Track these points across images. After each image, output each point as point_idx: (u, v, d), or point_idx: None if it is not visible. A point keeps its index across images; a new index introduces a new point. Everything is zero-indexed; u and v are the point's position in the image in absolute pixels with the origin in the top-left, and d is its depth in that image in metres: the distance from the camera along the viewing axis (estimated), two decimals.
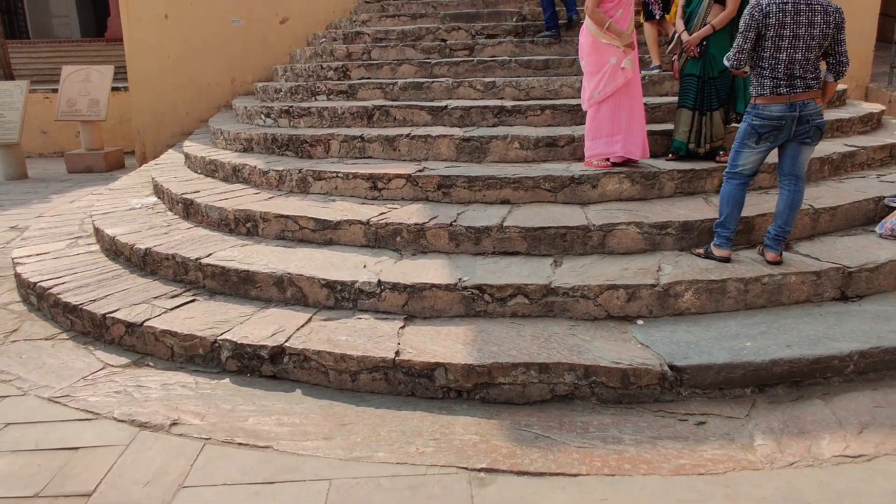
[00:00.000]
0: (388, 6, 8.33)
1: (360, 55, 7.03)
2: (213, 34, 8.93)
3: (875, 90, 9.07)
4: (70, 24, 19.70)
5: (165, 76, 9.01)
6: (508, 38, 7.03)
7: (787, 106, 3.48)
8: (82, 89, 9.67)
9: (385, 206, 4.46)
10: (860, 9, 8.89)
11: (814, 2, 3.40)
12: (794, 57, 3.43)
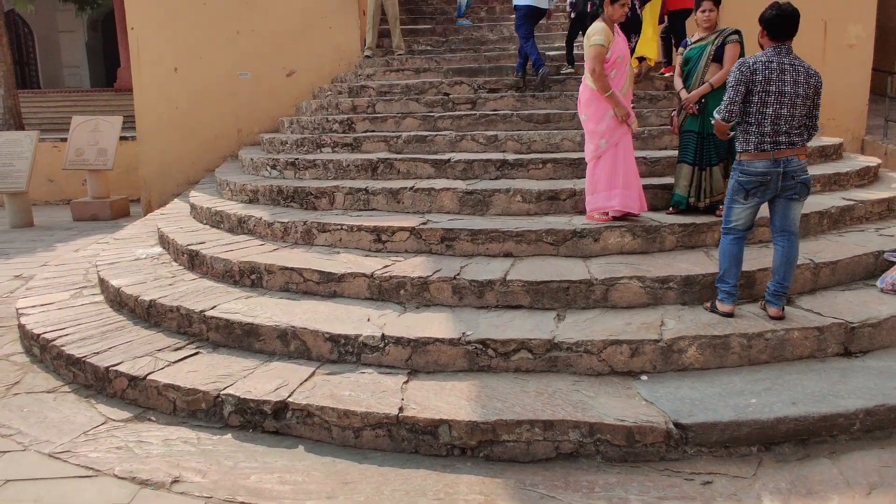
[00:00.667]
0: (392, 61, 8.54)
1: (365, 108, 7.18)
2: (220, 86, 9.14)
3: (871, 143, 9.22)
4: (80, 75, 20.18)
5: (173, 126, 9.19)
6: (510, 92, 7.20)
7: (772, 162, 3.59)
8: (91, 139, 9.85)
9: (389, 259, 4.50)
10: (854, 63, 9.15)
11: (797, 64, 3.59)
12: (780, 113, 3.56)
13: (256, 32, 9.08)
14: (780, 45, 3.61)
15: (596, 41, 4.48)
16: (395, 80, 7.84)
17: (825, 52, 9.08)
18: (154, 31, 9.07)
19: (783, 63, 3.55)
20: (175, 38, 9.05)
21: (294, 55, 9.13)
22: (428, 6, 11.16)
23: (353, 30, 9.09)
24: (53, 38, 20.04)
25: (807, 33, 8.96)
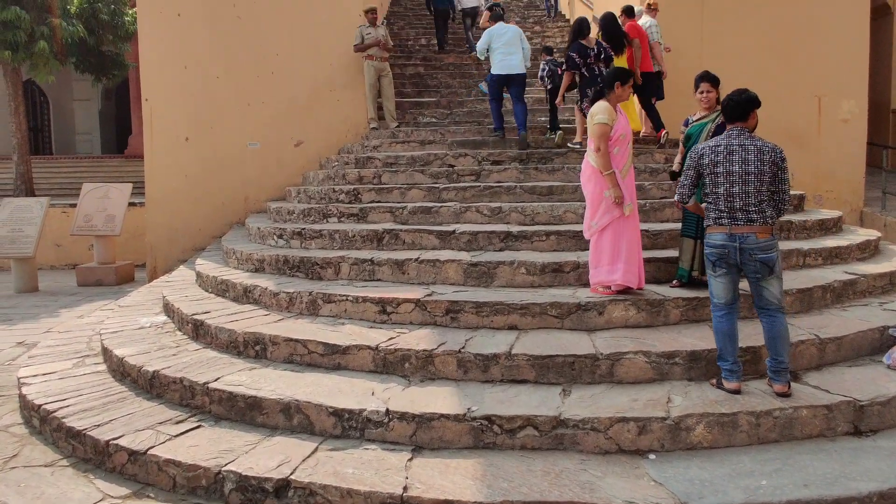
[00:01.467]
0: (398, 133, 8.77)
1: (371, 179, 7.33)
2: (230, 155, 9.35)
3: (869, 214, 9.33)
4: (92, 141, 20.65)
5: (181, 194, 9.34)
6: (513, 164, 7.35)
7: (728, 236, 3.72)
8: (100, 205, 10.01)
9: (394, 331, 4.50)
10: (849, 137, 9.39)
11: (748, 144, 3.74)
12: (732, 191, 3.71)
13: (267, 104, 9.35)
14: (733, 128, 3.83)
15: (600, 120, 4.62)
16: (401, 152, 8.03)
17: (820, 126, 9.33)
18: (168, 103, 9.35)
19: (732, 145, 3.75)
20: (188, 110, 9.32)
21: (302, 126, 9.37)
22: (433, 80, 11.51)
23: (360, 102, 9.37)
24: (68, 106, 20.60)
25: (802, 109, 9.32)
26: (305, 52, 9.30)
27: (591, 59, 7.18)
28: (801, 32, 9.26)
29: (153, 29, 9.33)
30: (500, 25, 8.20)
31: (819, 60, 9.31)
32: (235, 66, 9.31)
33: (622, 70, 4.84)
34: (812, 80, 9.32)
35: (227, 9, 9.28)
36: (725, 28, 9.18)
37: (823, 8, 9.27)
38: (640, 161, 7.42)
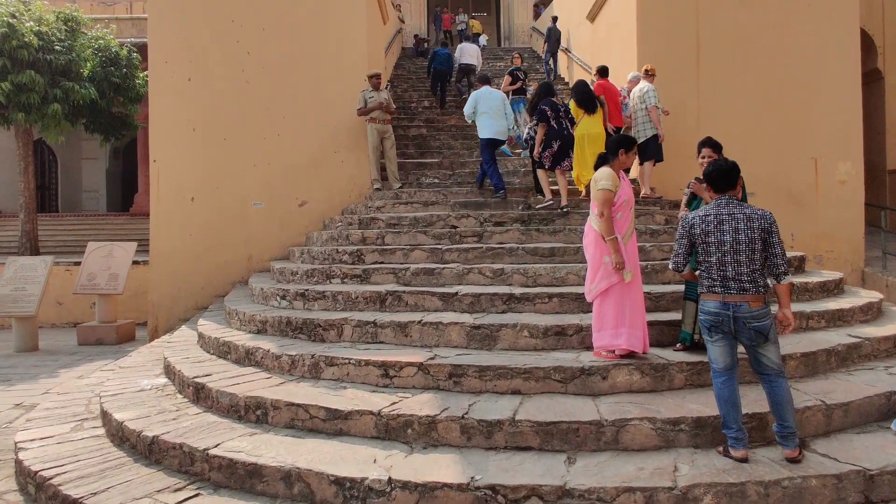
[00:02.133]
0: (401, 193, 8.89)
1: (375, 240, 7.39)
2: (234, 215, 9.46)
3: (871, 275, 9.36)
4: (98, 199, 20.90)
5: (185, 253, 9.41)
6: (515, 225, 7.43)
7: (721, 304, 3.73)
8: (104, 264, 10.07)
9: (396, 395, 4.46)
10: (847, 198, 9.50)
11: (737, 212, 3.78)
12: (724, 260, 3.73)
13: (272, 165, 9.52)
14: (721, 197, 3.88)
15: (604, 186, 4.70)
16: (404, 213, 8.12)
17: (818, 187, 9.46)
18: (175, 164, 9.52)
19: (721, 214, 3.79)
20: (194, 170, 9.48)
21: (307, 186, 9.51)
22: (435, 141, 11.74)
23: (363, 163, 9.54)
24: (76, 164, 20.94)
25: (800, 169, 9.47)
26: (311, 114, 9.53)
27: (562, 114, 7.84)
28: (795, 95, 9.50)
29: (164, 92, 9.58)
30: (486, 89, 8.65)
31: (814, 123, 9.52)
32: (242, 129, 9.52)
33: (626, 138, 4.96)
34: (808, 142, 9.51)
35: (237, 73, 9.56)
36: (721, 91, 9.43)
37: (816, 72, 9.54)
38: (641, 222, 7.50)
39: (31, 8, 13.04)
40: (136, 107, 14.79)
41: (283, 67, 9.56)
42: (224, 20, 9.59)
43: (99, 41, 13.97)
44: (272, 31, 9.59)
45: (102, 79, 13.63)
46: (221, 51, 9.57)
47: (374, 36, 11.01)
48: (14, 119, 12.89)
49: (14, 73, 12.09)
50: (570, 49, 15.61)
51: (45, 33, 12.62)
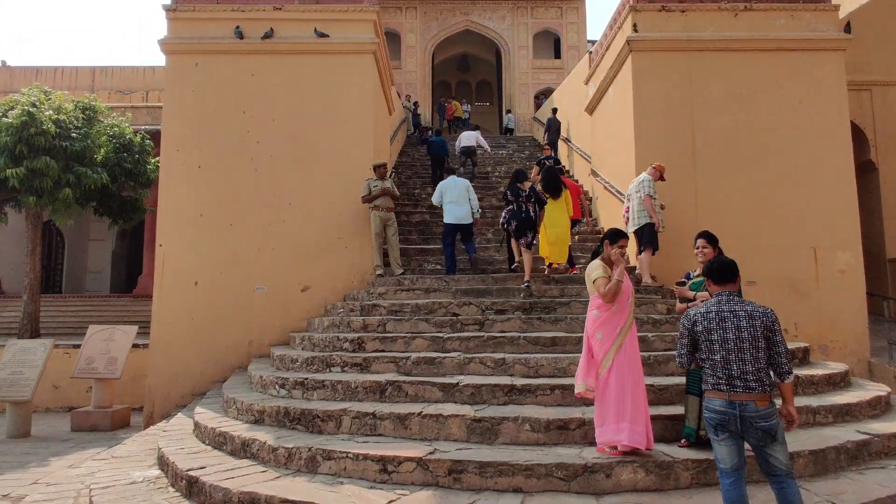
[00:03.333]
0: (403, 280, 8.94)
1: (376, 327, 7.38)
2: (237, 299, 9.49)
3: (878, 365, 9.25)
4: (102, 279, 21.01)
5: (186, 337, 9.38)
6: (517, 313, 7.43)
7: (727, 403, 3.65)
8: (103, 348, 10.01)
9: (394, 493, 4.34)
10: (848, 288, 9.52)
11: (738, 309, 3.76)
12: (729, 358, 3.68)
13: (277, 250, 9.63)
14: (722, 292, 3.87)
15: (598, 275, 4.77)
16: (406, 300, 8.15)
17: (819, 277, 9.49)
18: (181, 248, 9.64)
19: (723, 311, 3.77)
20: (200, 255, 9.59)
21: (310, 271, 9.59)
22: (438, 227, 11.85)
23: (367, 249, 9.64)
24: (83, 245, 21.19)
25: (799, 259, 9.54)
26: (317, 201, 9.73)
27: (522, 199, 8.54)
28: (792, 187, 9.69)
29: (174, 179, 9.83)
30: (452, 179, 9.59)
31: (812, 213, 9.66)
32: (249, 214, 9.70)
33: (611, 230, 5.04)
34: (806, 232, 9.62)
35: (246, 161, 9.84)
36: (718, 182, 9.63)
37: (811, 164, 9.76)
38: (643, 311, 7.51)
39: (52, 97, 13.56)
40: (145, 191, 15.12)
41: (291, 157, 9.84)
42: (236, 111, 9.96)
43: (114, 128, 14.45)
44: (281, 122, 9.93)
45: (115, 164, 14.00)
46: (232, 140, 9.89)
47: (380, 126, 11.38)
48: (26, 203, 13.15)
49: (30, 158, 12.44)
50: (570, 139, 16.08)
51: (62, 121, 13.08)
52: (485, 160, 16.83)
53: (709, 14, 10.22)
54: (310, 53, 10.21)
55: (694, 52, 10.07)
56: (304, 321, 9.09)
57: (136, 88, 21.18)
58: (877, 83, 13.85)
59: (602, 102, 12.16)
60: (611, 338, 4.70)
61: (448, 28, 26.12)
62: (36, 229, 14.22)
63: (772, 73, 10.03)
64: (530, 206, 8.55)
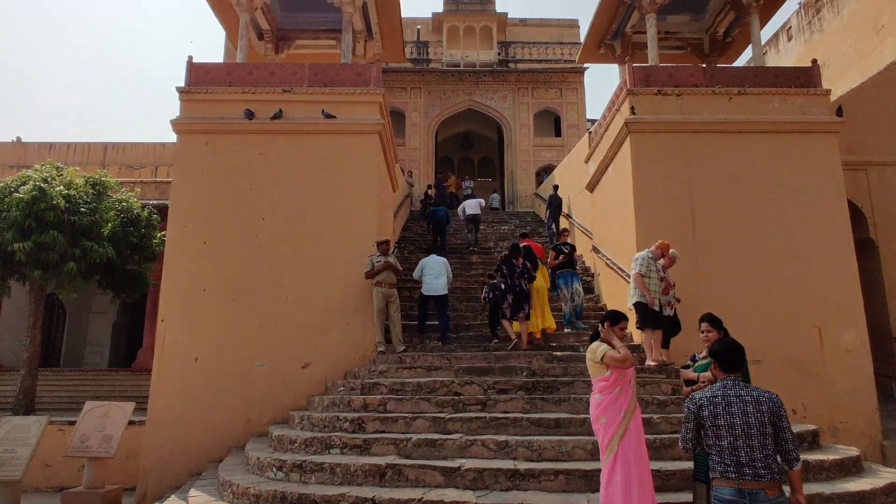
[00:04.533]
0: (405, 357, 8.86)
1: (377, 406, 7.26)
2: (236, 376, 9.39)
3: (890, 448, 9.04)
4: (101, 352, 20.82)
5: (183, 415, 9.22)
6: (519, 392, 7.33)
7: (737, 491, 3.54)
8: (98, 425, 9.78)
9: None
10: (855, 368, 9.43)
11: (744, 394, 3.70)
12: (736, 445, 3.60)
13: (278, 326, 9.60)
14: (728, 377, 3.82)
15: (603, 351, 4.72)
16: (408, 378, 8.05)
17: (824, 356, 9.40)
18: (182, 323, 9.62)
19: (729, 396, 3.70)
20: (201, 331, 9.56)
21: (311, 348, 9.52)
22: None
23: (368, 326, 9.61)
24: (84, 318, 21.11)
25: (803, 338, 9.46)
26: (320, 278, 9.77)
27: (517, 275, 9.37)
28: (793, 265, 9.73)
29: (179, 254, 9.92)
30: (432, 257, 10.55)
31: (814, 292, 9.66)
32: (251, 290, 9.73)
33: (609, 312, 5.03)
34: (809, 311, 9.59)
35: (251, 238, 9.95)
36: (719, 261, 9.68)
37: (811, 243, 9.85)
38: (647, 391, 7.40)
39: (64, 173, 13.84)
40: (150, 264, 15.19)
41: (296, 233, 9.96)
42: (243, 188, 10.15)
43: (122, 203, 14.66)
44: (287, 199, 10.11)
45: (121, 238, 14.12)
46: (238, 216, 10.04)
47: (383, 203, 11.56)
48: (31, 276, 13.21)
49: (38, 233, 12.58)
50: (571, 215, 16.28)
51: (72, 196, 13.29)
52: (487, 235, 17.01)
53: (703, 98, 10.56)
54: (317, 133, 10.50)
55: (690, 133, 10.35)
56: (304, 399, 8.95)
57: (145, 164, 21.64)
58: (872, 163, 14.12)
59: (602, 180, 12.39)
60: (615, 423, 4.61)
61: (451, 107, 26.91)
62: (39, 303, 14.22)
63: (768, 154, 10.27)
64: (523, 281, 9.38)
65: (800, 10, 20.63)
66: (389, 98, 16.50)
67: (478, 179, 31.02)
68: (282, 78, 10.80)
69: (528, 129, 26.72)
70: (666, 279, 8.70)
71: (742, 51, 14.13)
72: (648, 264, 8.50)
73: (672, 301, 8.75)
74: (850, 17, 18.32)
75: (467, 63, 26.87)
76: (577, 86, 27.13)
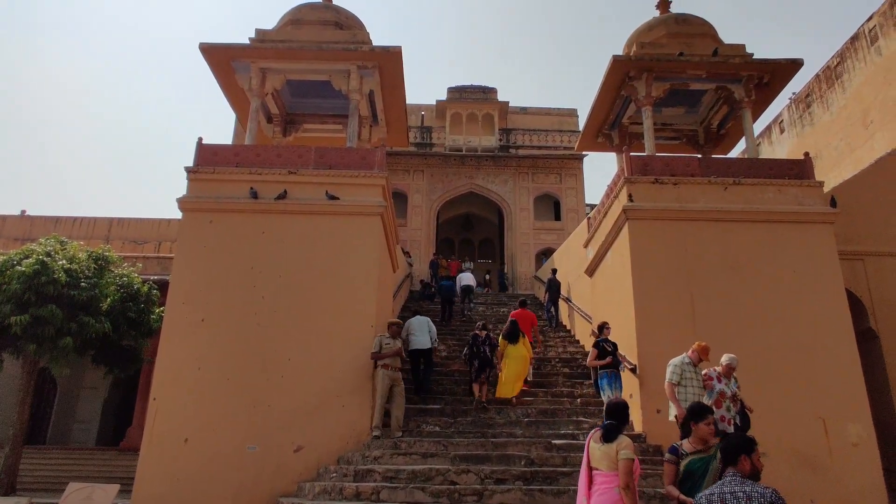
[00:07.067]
0: (400, 443, 8.65)
1: (370, 495, 7.03)
2: (227, 459, 9.12)
3: None
4: (89, 430, 20.33)
5: (170, 500, 8.89)
6: (517, 483, 7.11)
7: None
8: None
9: None
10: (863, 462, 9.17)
11: (738, 490, 3.60)
12: None
13: (273, 407, 9.42)
14: (727, 473, 3.76)
15: (626, 456, 4.61)
16: (402, 465, 7.83)
17: (831, 451, 9.17)
18: (174, 402, 9.44)
19: (724, 494, 3.62)
20: (193, 409, 9.37)
21: (304, 430, 9.30)
22: (438, 386, 11.71)
23: (365, 409, 9.44)
24: (75, 394, 20.73)
25: (808, 431, 9.25)
26: (317, 358, 9.67)
27: (480, 345, 10.80)
28: (794, 356, 9.64)
29: (176, 331, 9.86)
30: (416, 318, 11.54)
31: (816, 382, 9.53)
32: (248, 369, 9.61)
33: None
34: (813, 402, 9.43)
35: (249, 316, 9.92)
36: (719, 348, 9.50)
37: (811, 333, 9.80)
38: (650, 484, 7.18)
39: (67, 247, 13.96)
40: (146, 340, 15.07)
41: (295, 312, 9.95)
42: (245, 266, 10.21)
43: (123, 278, 14.71)
44: (288, 278, 10.15)
45: (119, 313, 14.07)
46: (238, 294, 10.04)
47: (384, 284, 11.60)
48: (25, 350, 13.08)
49: (36, 306, 12.55)
50: (571, 298, 16.28)
51: (74, 270, 13.34)
52: (486, 317, 16.96)
53: (700, 187, 10.79)
54: (319, 214, 10.66)
55: (687, 221, 10.51)
56: (294, 485, 8.68)
57: (149, 239, 21.87)
58: (869, 253, 14.23)
59: (601, 265, 12.47)
60: None
61: (453, 190, 27.44)
62: (31, 377, 14.02)
63: (765, 243, 10.38)
64: (486, 349, 10.80)
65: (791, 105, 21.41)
66: (392, 180, 16.86)
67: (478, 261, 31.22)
68: (288, 160, 11.08)
69: (529, 212, 27.15)
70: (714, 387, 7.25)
71: (736, 142, 14.54)
72: (683, 371, 7.29)
73: (729, 416, 7.16)
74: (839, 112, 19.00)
75: (469, 148, 27.62)
76: (576, 172, 27.77)
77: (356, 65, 11.86)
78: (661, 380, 8.93)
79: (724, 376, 7.36)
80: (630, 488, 4.50)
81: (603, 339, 10.14)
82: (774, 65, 11.79)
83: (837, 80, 19.01)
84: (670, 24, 12.88)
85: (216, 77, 12.38)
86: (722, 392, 7.20)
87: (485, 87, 28.91)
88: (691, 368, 7.34)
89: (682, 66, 11.86)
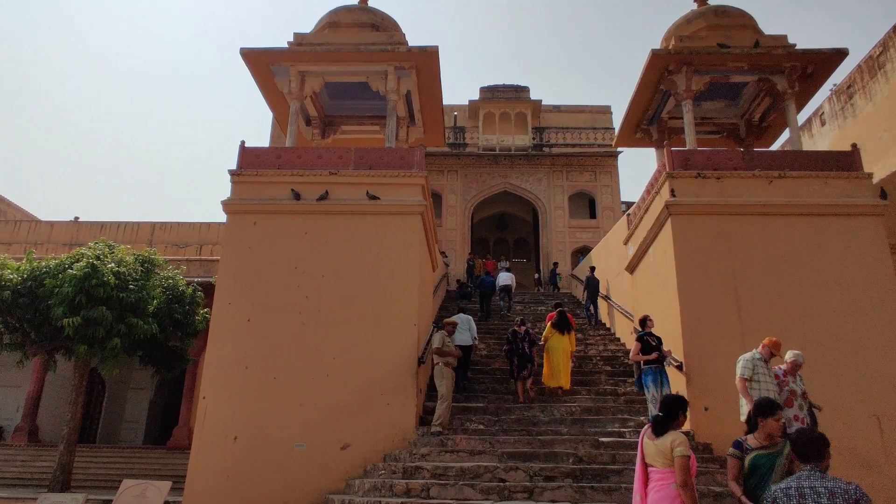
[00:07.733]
0: (447, 440, 8.69)
1: (419, 492, 7.08)
2: (275, 457, 9.27)
3: None
4: (137, 429, 20.83)
5: (221, 497, 9.07)
6: (567, 480, 7.10)
7: None
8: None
9: None
10: None
11: (818, 485, 3.52)
12: None
13: (318, 406, 9.55)
14: (804, 468, 3.68)
15: (682, 453, 4.55)
16: (450, 462, 7.87)
17: (885, 448, 8.94)
18: (223, 402, 9.63)
19: (803, 487, 3.55)
20: (242, 408, 9.55)
21: (350, 429, 9.40)
22: (480, 384, 11.73)
23: (410, 407, 9.50)
24: (123, 394, 21.28)
25: (861, 428, 9.03)
26: (362, 356, 9.78)
27: (519, 341, 11.06)
28: (844, 349, 9.41)
29: (223, 331, 10.06)
30: (460, 315, 12.02)
31: (868, 379, 9.30)
32: (293, 368, 9.76)
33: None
34: (866, 399, 9.20)
35: (294, 315, 10.07)
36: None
37: (860, 326, 9.55)
38: (701, 482, 7.10)
39: (115, 251, 14.34)
40: (191, 341, 15.39)
41: (338, 311, 10.07)
42: (288, 267, 10.38)
43: (168, 280, 15.05)
44: (331, 278, 10.28)
45: (166, 315, 14.40)
46: (282, 294, 10.21)
47: (424, 283, 11.67)
48: (76, 351, 13.47)
49: (87, 308, 12.91)
50: (610, 296, 16.15)
51: (122, 273, 13.70)
52: (525, 316, 16.91)
53: (743, 181, 10.61)
54: (360, 214, 10.78)
55: (731, 215, 10.35)
56: (342, 482, 8.79)
57: (191, 242, 22.35)
58: None
59: (643, 262, 12.35)
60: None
61: (487, 189, 27.44)
62: (82, 378, 14.42)
63: (812, 236, 10.17)
64: (525, 345, 10.99)
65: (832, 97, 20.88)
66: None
67: (513, 260, 31.14)
68: (328, 161, 11.22)
69: (563, 210, 27.01)
70: (786, 385, 6.99)
71: (778, 135, 14.26)
72: (755, 366, 6.89)
73: (801, 416, 6.89)
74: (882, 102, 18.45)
75: (503, 147, 27.58)
76: (611, 169, 27.54)
77: (393, 65, 11.96)
78: (709, 376, 8.91)
79: (789, 373, 7.08)
80: (688, 486, 4.46)
81: (646, 333, 9.60)
82: (818, 55, 11.55)
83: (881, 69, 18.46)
84: (709, 17, 12.69)
85: (256, 81, 12.60)
86: (792, 391, 6.96)
87: (517, 86, 28.83)
88: (763, 364, 6.99)
89: (723, 58, 11.69)
